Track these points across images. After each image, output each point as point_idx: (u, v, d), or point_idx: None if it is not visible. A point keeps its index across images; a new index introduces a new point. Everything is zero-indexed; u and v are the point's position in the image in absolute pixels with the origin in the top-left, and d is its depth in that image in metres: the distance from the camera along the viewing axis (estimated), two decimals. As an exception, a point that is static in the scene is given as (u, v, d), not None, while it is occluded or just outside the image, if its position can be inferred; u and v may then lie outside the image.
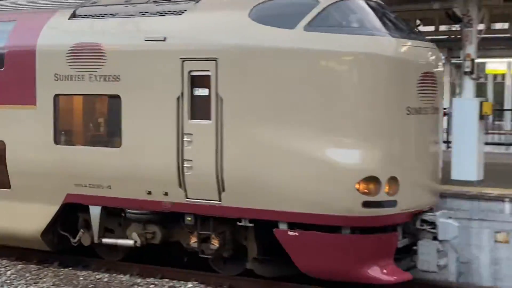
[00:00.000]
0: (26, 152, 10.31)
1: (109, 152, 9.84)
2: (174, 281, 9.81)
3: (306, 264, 8.88)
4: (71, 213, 10.40)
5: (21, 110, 10.38)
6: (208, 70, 9.01)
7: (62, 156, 10.11)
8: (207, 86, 9.04)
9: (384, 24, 8.96)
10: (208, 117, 9.03)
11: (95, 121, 10.29)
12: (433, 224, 9.07)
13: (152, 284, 9.79)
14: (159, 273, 10.25)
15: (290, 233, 8.82)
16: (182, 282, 9.82)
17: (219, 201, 9.07)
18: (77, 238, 10.47)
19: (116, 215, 10.12)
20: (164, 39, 9.32)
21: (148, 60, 9.42)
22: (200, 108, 9.10)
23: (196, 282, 9.72)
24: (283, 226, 8.86)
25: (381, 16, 9.20)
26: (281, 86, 8.65)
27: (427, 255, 9.05)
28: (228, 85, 8.91)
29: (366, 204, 8.40)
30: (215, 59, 8.95)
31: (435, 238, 9.05)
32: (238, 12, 9.15)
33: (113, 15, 10.05)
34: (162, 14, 9.66)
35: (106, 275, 10.19)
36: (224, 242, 9.40)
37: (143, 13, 9.84)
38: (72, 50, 9.92)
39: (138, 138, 9.57)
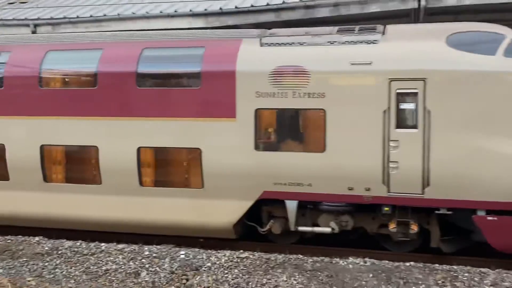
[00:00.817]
0: (224, 157, 10.55)
1: (312, 156, 10.19)
2: (25, 236, 11.20)
3: (502, 242, 9.80)
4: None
5: (219, 122, 10.54)
6: (415, 88, 9.72)
7: (262, 160, 10.43)
8: (414, 101, 9.73)
9: None
10: (414, 126, 9.73)
11: (297, 130, 10.40)
12: None
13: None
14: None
15: (489, 218, 9.69)
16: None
17: (422, 194, 9.78)
18: (267, 227, 10.87)
19: (300, 207, 10.57)
20: (370, 63, 9.89)
21: (354, 80, 9.98)
22: (405, 119, 9.79)
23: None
24: (481, 213, 9.71)
25: None
26: (485, 101, 9.51)
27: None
28: (435, 100, 9.67)
29: None
30: (423, 79, 9.70)
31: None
32: (435, 41, 9.92)
33: (301, 43, 10.48)
34: (354, 43, 10.24)
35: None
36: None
37: (331, 42, 10.37)
38: (274, 72, 10.30)
39: (342, 144, 10.04)
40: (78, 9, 16.06)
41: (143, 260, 9.67)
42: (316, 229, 10.65)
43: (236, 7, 14.37)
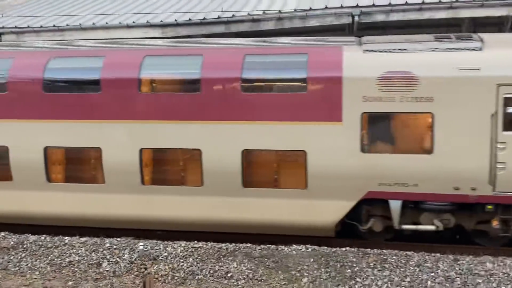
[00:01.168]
0: (329, 159, 10.19)
1: (419, 158, 9.94)
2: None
3: None
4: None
5: (325, 125, 10.16)
6: None
7: (369, 162, 10.09)
8: None
9: None
10: None
11: (404, 132, 10.11)
12: None
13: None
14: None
15: None
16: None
17: None
18: (368, 225, 10.63)
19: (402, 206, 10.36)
20: (479, 69, 9.73)
21: (462, 85, 9.76)
22: None
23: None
24: None
25: None
26: None
27: None
28: None
29: None
30: None
31: None
32: None
33: (402, 50, 10.24)
34: (457, 50, 10.04)
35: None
36: None
37: (433, 49, 10.15)
38: (381, 77, 9.99)
39: (449, 146, 9.85)
40: (41, 19, 15.82)
41: (104, 252, 9.72)
42: (421, 227, 10.38)
43: (190, 19, 14.50)
